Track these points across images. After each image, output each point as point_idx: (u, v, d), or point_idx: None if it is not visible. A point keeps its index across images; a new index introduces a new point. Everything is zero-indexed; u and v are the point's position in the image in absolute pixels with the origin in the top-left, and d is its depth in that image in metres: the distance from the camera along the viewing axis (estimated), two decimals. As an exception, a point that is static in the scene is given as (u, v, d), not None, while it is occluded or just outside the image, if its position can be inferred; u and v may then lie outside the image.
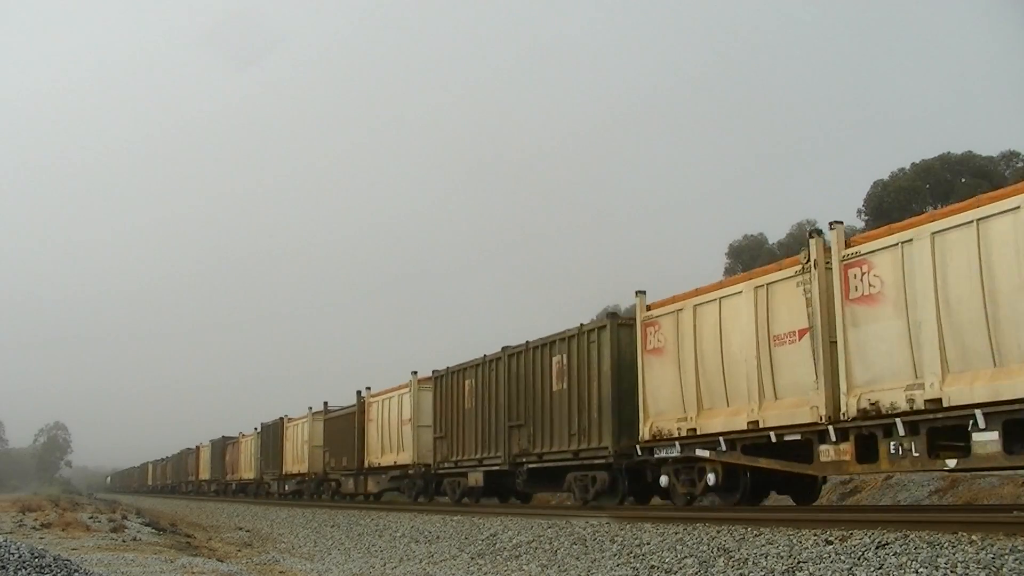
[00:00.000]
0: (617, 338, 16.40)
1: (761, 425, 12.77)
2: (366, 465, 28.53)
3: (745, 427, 13.01)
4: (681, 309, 14.76)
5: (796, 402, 12.28)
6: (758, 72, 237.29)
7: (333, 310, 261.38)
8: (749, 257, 49.74)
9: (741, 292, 13.47)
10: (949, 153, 41.79)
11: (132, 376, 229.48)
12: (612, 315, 17.85)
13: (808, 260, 12.32)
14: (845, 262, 11.74)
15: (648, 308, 15.70)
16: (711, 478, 13.91)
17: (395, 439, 26.26)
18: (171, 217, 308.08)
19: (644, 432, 15.28)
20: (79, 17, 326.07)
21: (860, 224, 43.81)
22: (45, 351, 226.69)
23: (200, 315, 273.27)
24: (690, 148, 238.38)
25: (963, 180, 40.29)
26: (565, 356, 17.73)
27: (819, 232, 12.67)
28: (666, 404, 14.90)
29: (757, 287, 13.17)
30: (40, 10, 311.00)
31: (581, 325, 17.38)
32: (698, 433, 14.04)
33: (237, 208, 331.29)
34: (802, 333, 12.28)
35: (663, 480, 15.07)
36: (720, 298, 13.91)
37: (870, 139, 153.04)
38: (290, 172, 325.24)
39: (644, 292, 15.93)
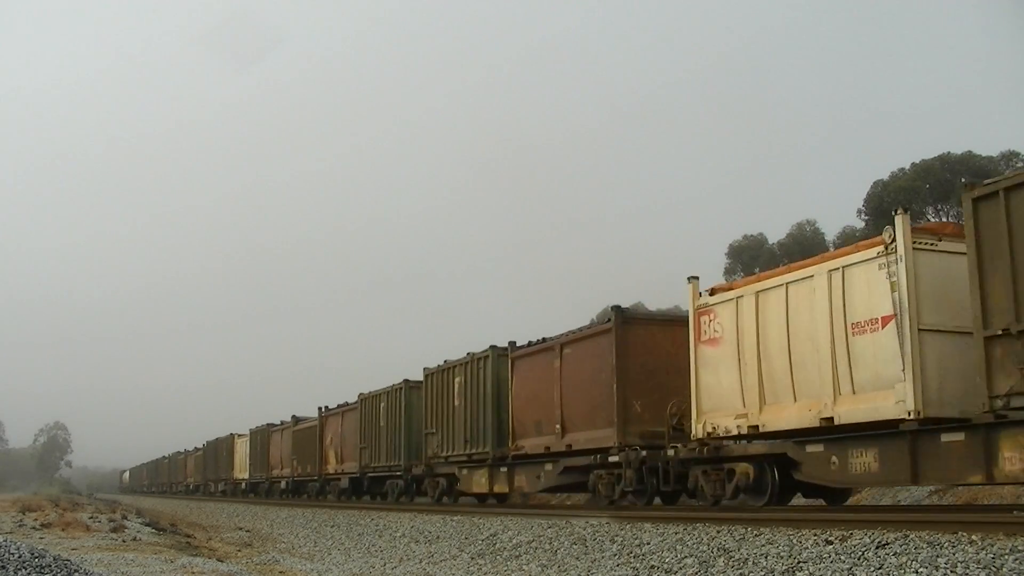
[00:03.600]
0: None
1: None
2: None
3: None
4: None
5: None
6: (758, 72, 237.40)
7: (333, 310, 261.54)
8: (749, 257, 49.72)
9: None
10: (949, 153, 41.80)
11: (132, 376, 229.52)
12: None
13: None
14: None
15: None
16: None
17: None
18: (172, 217, 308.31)
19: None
20: (79, 17, 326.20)
21: (860, 224, 43.82)
22: (45, 351, 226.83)
23: (201, 315, 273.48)
24: (690, 148, 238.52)
25: (963, 180, 40.28)
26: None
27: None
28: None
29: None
30: (40, 10, 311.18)
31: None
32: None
33: (238, 208, 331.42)
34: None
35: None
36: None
37: (870, 139, 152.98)
38: (290, 172, 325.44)
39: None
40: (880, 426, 11.22)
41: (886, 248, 11.49)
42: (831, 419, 11.84)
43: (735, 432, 13.43)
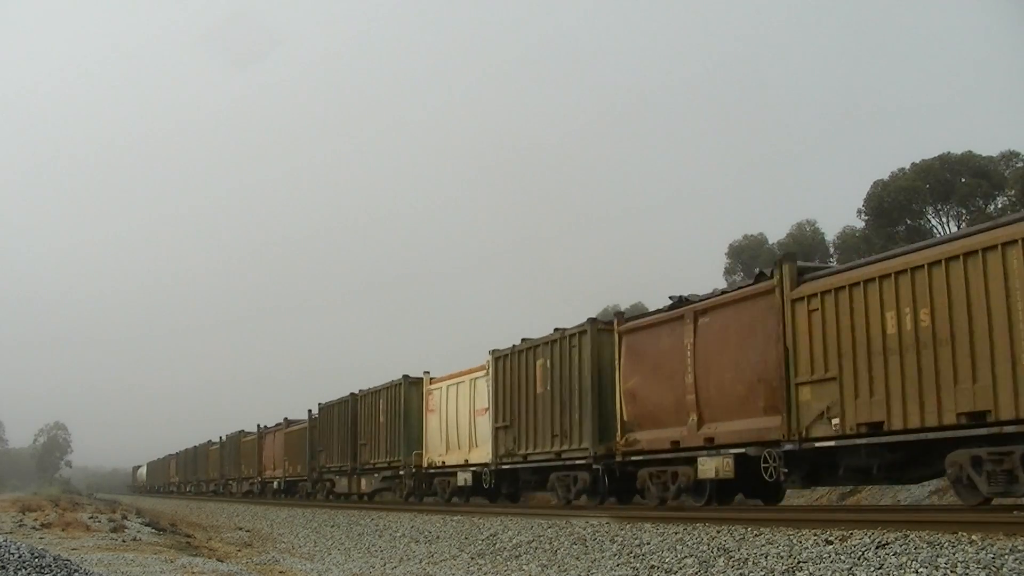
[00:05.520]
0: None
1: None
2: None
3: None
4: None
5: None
6: (758, 72, 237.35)
7: (333, 309, 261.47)
8: (749, 257, 49.67)
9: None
10: (949, 153, 41.75)
11: (132, 376, 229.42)
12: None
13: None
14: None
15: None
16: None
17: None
18: (171, 217, 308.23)
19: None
20: (78, 17, 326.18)
21: (860, 224, 43.81)
22: (45, 351, 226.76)
23: (200, 315, 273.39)
24: (690, 148, 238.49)
25: (963, 180, 40.24)
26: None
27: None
28: None
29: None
30: (40, 10, 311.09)
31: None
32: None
33: (238, 208, 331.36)
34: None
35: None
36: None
37: (870, 139, 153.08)
38: (290, 172, 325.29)
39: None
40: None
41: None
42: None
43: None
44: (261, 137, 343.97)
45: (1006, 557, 7.16)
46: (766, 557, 8.89)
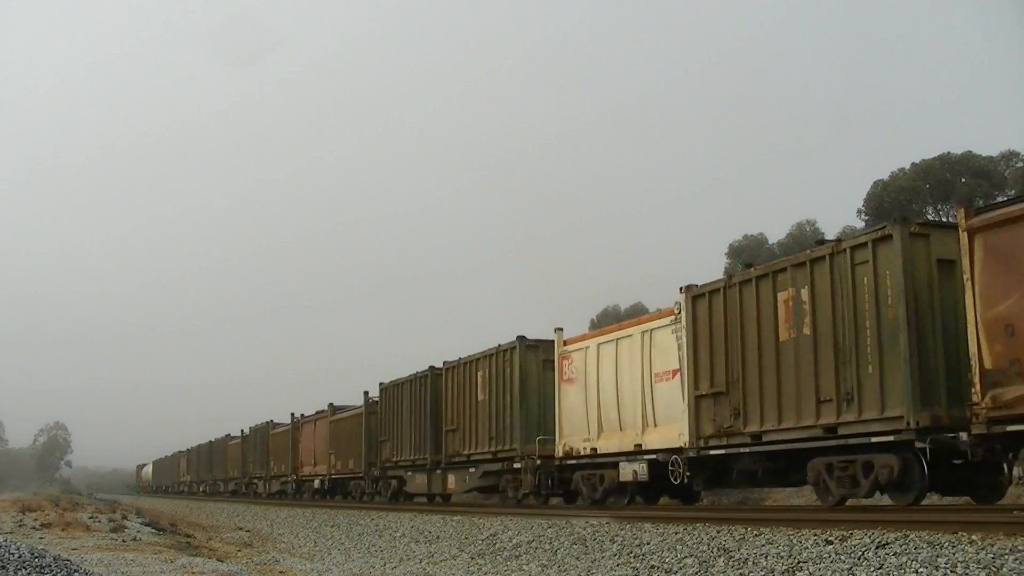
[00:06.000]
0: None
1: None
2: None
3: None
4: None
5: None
6: (758, 71, 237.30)
7: (333, 309, 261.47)
8: (749, 257, 49.69)
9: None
10: (949, 153, 41.78)
11: (132, 376, 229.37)
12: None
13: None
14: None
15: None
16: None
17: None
18: (172, 216, 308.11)
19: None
20: (77, 16, 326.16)
21: (860, 224, 43.80)
22: (45, 351, 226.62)
23: (201, 314, 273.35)
24: (690, 147, 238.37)
25: (963, 180, 40.27)
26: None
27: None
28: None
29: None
30: (39, 10, 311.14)
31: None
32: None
33: (238, 208, 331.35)
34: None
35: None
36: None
37: (870, 138, 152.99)
38: (290, 172, 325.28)
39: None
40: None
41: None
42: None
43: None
44: (262, 136, 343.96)
45: (1006, 557, 7.16)
46: (766, 557, 8.90)
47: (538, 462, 18.88)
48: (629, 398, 16.55)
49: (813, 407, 12.59)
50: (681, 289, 15.27)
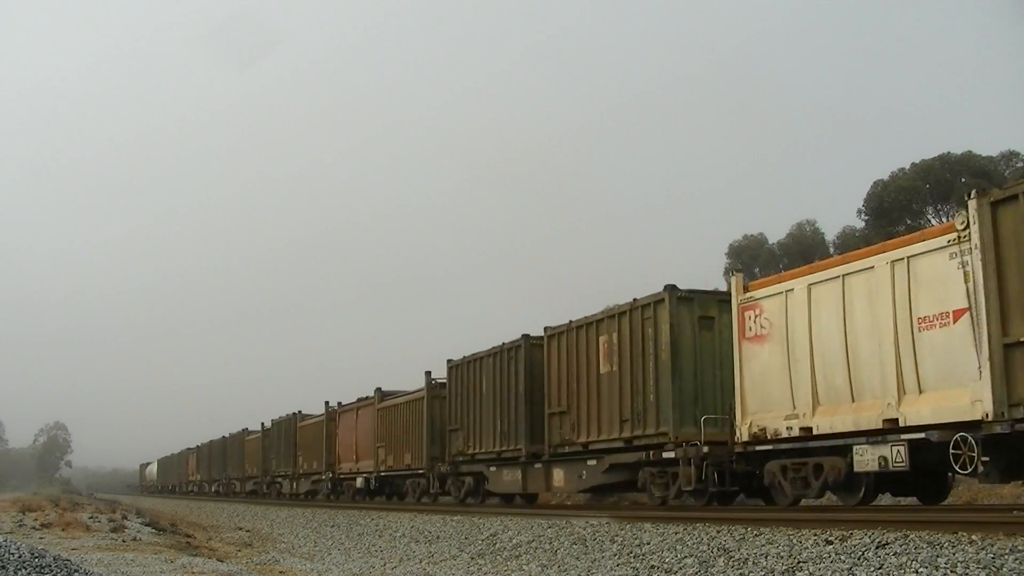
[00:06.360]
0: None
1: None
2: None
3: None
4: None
5: None
6: (758, 71, 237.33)
7: (333, 309, 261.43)
8: (749, 257, 49.73)
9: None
10: (949, 153, 41.83)
11: (132, 376, 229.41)
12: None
13: None
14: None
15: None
16: None
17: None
18: (172, 216, 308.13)
19: None
20: (77, 17, 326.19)
21: (860, 224, 43.84)
22: (45, 351, 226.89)
23: (201, 315, 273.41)
24: (690, 147, 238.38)
25: (963, 180, 40.32)
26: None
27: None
28: None
29: None
30: (39, 10, 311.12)
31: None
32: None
33: (238, 208, 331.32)
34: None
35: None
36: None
37: (870, 138, 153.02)
38: (290, 172, 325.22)
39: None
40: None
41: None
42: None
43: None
44: (262, 136, 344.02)
45: (1006, 557, 7.16)
46: (766, 557, 8.90)
47: (704, 450, 14.46)
48: (869, 355, 12.06)
49: None
50: (969, 194, 10.92)
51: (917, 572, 7.35)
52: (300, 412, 38.10)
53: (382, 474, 28.20)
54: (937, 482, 13.04)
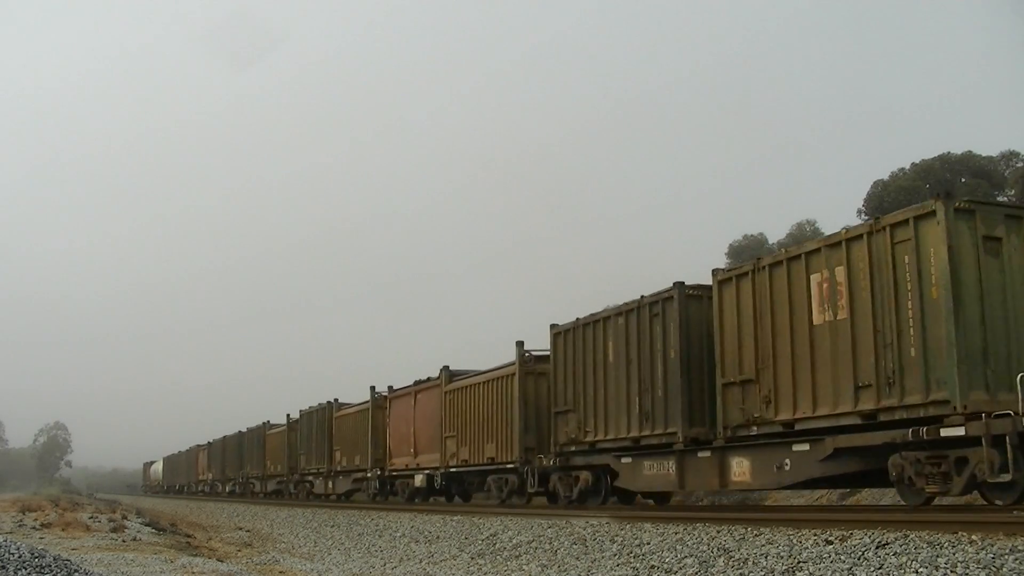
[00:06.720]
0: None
1: None
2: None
3: None
4: None
5: None
6: (758, 71, 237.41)
7: (333, 309, 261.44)
8: (749, 257, 49.73)
9: None
10: (949, 153, 41.79)
11: (132, 376, 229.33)
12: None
13: None
14: None
15: None
16: None
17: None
18: (172, 216, 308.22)
19: None
20: (78, 17, 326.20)
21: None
22: (45, 351, 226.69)
23: (200, 315, 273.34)
24: (690, 147, 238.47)
25: (963, 180, 40.27)
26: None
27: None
28: None
29: None
30: (39, 10, 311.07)
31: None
32: None
33: (238, 208, 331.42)
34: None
35: None
36: None
37: (870, 138, 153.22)
38: (290, 171, 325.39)
39: None
40: None
41: None
42: None
43: None
44: (262, 136, 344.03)
45: (1006, 557, 7.15)
46: (766, 557, 8.89)
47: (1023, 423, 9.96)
48: None
49: None
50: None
51: (917, 572, 7.34)
52: (336, 400, 33.82)
53: (452, 470, 23.15)
54: None
